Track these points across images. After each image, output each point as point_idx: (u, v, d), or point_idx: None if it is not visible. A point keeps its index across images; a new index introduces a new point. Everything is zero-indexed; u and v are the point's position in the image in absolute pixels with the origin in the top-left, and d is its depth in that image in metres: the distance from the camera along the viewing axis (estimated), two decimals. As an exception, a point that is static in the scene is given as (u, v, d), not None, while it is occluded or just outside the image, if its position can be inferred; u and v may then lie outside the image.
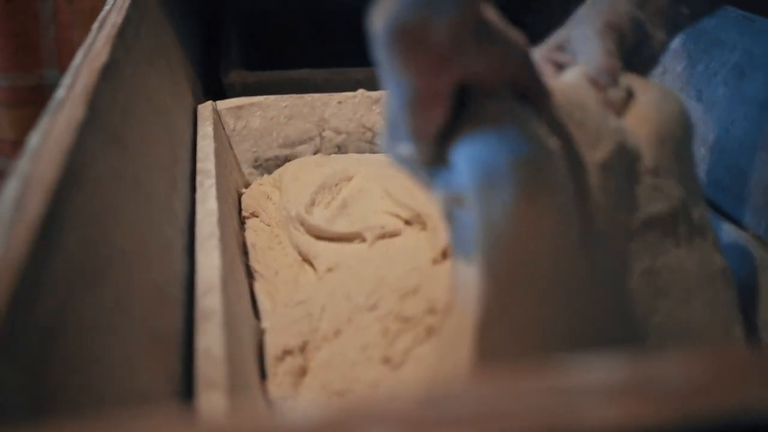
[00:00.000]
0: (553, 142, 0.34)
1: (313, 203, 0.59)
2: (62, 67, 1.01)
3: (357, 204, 0.57)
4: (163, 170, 0.46)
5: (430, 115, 0.32)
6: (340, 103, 0.72)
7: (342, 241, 0.54)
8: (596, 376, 0.17)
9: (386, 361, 0.41)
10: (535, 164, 0.32)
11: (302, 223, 0.56)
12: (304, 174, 0.63)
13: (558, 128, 0.36)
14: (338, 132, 0.72)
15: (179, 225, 0.45)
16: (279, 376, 0.43)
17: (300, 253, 0.56)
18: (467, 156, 0.32)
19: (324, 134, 0.72)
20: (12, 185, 0.26)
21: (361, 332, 0.43)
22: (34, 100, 1.01)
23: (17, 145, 1.01)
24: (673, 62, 0.62)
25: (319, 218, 0.56)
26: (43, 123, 0.32)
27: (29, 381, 0.20)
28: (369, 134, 0.73)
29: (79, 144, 0.31)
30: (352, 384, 0.40)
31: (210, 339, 0.36)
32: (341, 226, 0.55)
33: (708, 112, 0.57)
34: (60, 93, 0.36)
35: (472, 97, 0.33)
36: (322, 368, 0.43)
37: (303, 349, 0.44)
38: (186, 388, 0.35)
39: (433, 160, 0.34)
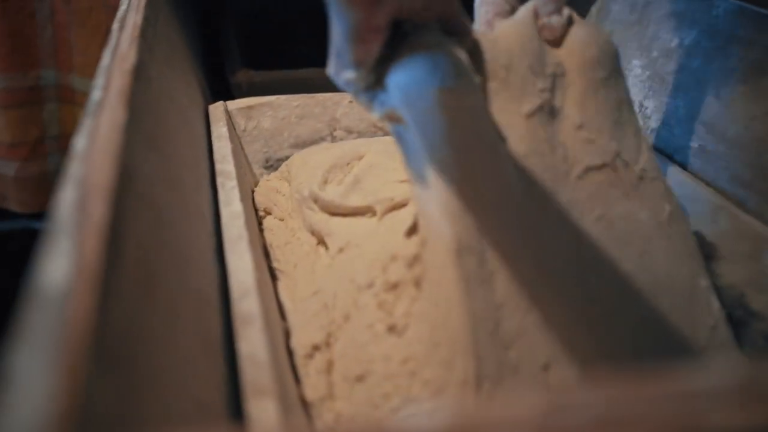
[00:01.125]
0: (475, 76, 0.39)
1: (326, 181, 0.57)
2: (60, 67, 0.99)
3: (369, 178, 0.55)
4: (189, 171, 0.45)
5: (369, 45, 0.37)
6: (351, 102, 0.71)
7: (356, 215, 0.53)
8: (719, 380, 0.17)
9: (391, 329, 0.40)
10: (459, 89, 0.37)
11: (316, 200, 0.55)
12: (314, 158, 0.62)
13: (480, 68, 0.42)
14: (350, 131, 0.72)
15: (208, 227, 0.44)
16: (312, 377, 0.43)
17: (314, 233, 0.54)
18: (400, 81, 0.37)
19: (335, 134, 0.72)
20: (69, 190, 0.26)
21: (363, 312, 0.42)
22: (31, 101, 0.99)
23: (14, 147, 0.99)
24: (687, 59, 0.62)
25: (332, 194, 0.55)
26: (87, 125, 0.31)
27: (116, 395, 0.20)
28: (380, 134, 0.72)
29: (125, 146, 0.30)
30: (368, 365, 0.40)
31: (253, 344, 0.36)
32: (354, 201, 0.53)
33: (726, 108, 0.57)
34: (96, 95, 0.35)
35: (406, 30, 0.38)
36: (341, 358, 0.42)
37: (328, 342, 0.43)
38: (230, 393, 0.35)
39: (372, 84, 0.39)
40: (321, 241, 0.54)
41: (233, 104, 0.68)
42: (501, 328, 0.38)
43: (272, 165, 0.69)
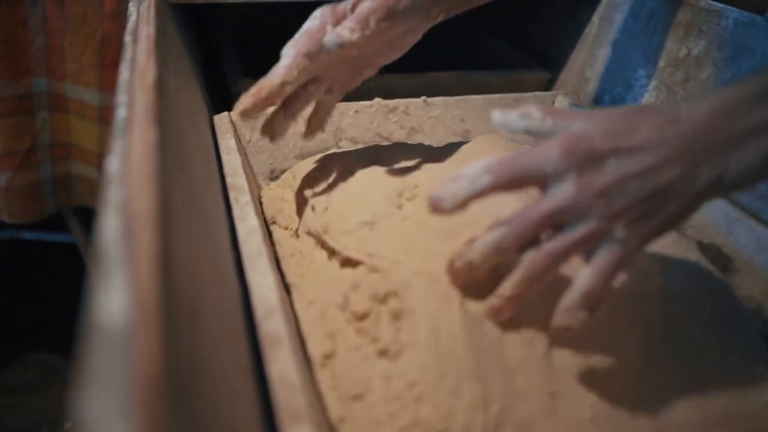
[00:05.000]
0: None
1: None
2: (52, 75, 0.97)
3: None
4: (207, 187, 0.44)
5: None
6: (356, 112, 0.71)
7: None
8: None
9: (383, 353, 0.40)
10: None
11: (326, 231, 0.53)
12: (329, 164, 0.61)
13: None
14: (355, 142, 0.71)
15: (226, 243, 0.43)
16: (327, 395, 0.42)
17: (310, 233, 0.53)
18: None
19: (341, 144, 0.71)
20: (112, 217, 0.25)
21: (345, 334, 0.42)
22: (23, 109, 0.97)
23: (5, 156, 0.97)
24: (696, 70, 0.63)
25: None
26: (118, 146, 0.30)
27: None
28: (386, 143, 0.72)
29: (159, 167, 0.29)
30: (365, 384, 0.39)
31: (283, 367, 0.35)
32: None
33: (739, 119, 0.57)
34: (122, 112, 0.34)
35: None
36: (334, 377, 0.41)
37: (333, 351, 0.42)
38: (263, 417, 0.34)
39: None
40: (320, 243, 0.52)
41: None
42: (506, 358, 0.39)
43: (277, 176, 0.68)
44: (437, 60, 0.95)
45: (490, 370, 0.39)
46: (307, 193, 0.58)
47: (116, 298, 0.20)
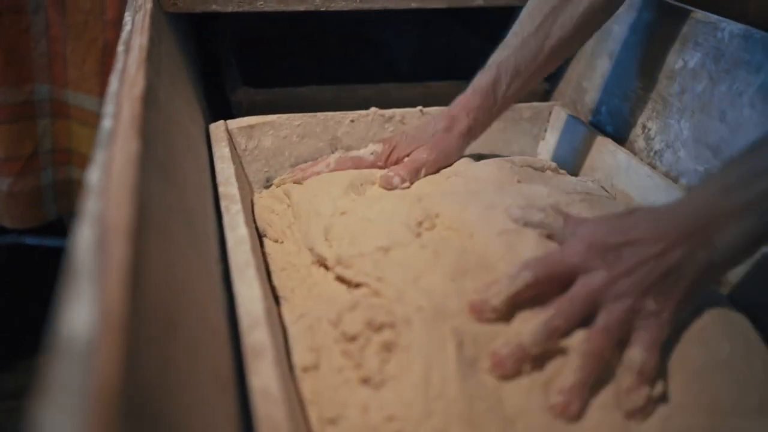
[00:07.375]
0: None
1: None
2: (54, 82, 0.98)
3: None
4: (197, 197, 0.44)
5: None
6: (353, 121, 0.71)
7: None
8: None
9: (365, 381, 0.39)
10: None
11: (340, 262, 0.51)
12: (328, 176, 0.61)
13: None
14: (351, 151, 0.71)
15: (214, 254, 0.44)
16: (308, 409, 0.41)
17: (312, 251, 0.53)
18: None
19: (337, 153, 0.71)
20: (86, 228, 0.25)
21: (330, 353, 0.41)
22: (25, 115, 0.98)
23: (7, 161, 0.98)
24: (691, 82, 0.62)
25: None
26: (100, 157, 0.30)
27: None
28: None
29: (141, 179, 0.30)
30: (341, 409, 0.39)
31: (265, 378, 0.35)
32: None
33: (734, 133, 0.57)
34: (107, 123, 0.34)
35: None
36: (314, 393, 0.41)
37: (317, 366, 0.42)
38: (243, 429, 0.34)
39: None
40: (320, 261, 0.52)
41: (234, 123, 0.67)
42: (504, 407, 0.39)
43: (273, 185, 0.68)
44: (434, 69, 0.95)
45: (484, 417, 0.38)
46: (307, 209, 0.57)
47: (82, 311, 0.20)
